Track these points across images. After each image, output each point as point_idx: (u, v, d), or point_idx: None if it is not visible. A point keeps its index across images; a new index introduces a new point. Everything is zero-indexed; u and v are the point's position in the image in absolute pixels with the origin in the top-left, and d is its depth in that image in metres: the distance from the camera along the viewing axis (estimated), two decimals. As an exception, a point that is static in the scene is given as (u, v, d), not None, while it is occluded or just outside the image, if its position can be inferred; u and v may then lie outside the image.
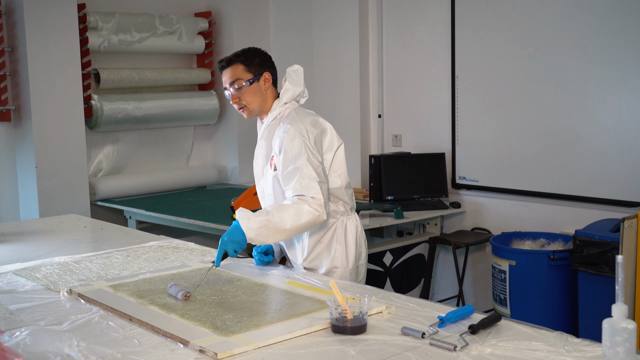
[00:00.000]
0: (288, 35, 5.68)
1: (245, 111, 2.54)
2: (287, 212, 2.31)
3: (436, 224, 4.76)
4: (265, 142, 2.57)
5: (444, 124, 4.81)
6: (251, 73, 2.50)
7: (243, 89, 2.49)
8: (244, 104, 2.51)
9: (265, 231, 2.29)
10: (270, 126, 2.56)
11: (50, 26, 4.58)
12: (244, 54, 2.53)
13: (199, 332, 1.79)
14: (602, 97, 3.98)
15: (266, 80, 2.53)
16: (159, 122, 5.32)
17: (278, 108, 2.55)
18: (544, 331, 1.77)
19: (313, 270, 2.57)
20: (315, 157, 2.43)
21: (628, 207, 3.88)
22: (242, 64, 2.50)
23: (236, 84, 2.49)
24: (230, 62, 2.50)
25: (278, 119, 2.55)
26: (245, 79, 2.49)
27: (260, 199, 2.69)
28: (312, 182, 2.36)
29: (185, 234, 4.83)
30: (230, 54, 2.55)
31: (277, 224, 2.30)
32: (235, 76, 2.49)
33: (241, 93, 2.50)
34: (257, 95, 2.52)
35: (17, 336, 1.71)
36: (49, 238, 3.21)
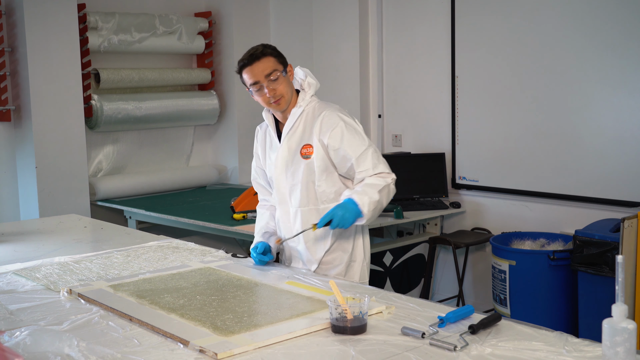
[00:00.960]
0: (288, 35, 5.67)
1: (282, 102, 2.53)
2: (384, 191, 2.44)
3: (436, 224, 4.76)
4: (293, 134, 2.56)
5: (444, 124, 4.81)
6: (281, 64, 2.51)
7: (280, 79, 2.49)
8: (280, 94, 2.51)
9: (376, 211, 2.43)
10: (301, 118, 2.57)
11: (50, 26, 4.58)
12: (269, 46, 2.54)
13: (199, 332, 1.79)
14: (602, 97, 3.97)
15: (290, 72, 2.56)
16: (159, 122, 5.32)
17: (306, 100, 2.58)
18: (544, 331, 1.77)
19: (329, 265, 2.58)
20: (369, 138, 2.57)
21: (628, 207, 3.88)
22: (272, 55, 2.50)
23: (272, 76, 2.48)
24: (265, 54, 2.49)
25: (308, 111, 2.57)
26: (280, 70, 2.50)
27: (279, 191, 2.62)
28: (381, 162, 2.50)
29: (185, 234, 4.83)
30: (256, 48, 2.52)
31: (380, 203, 2.43)
32: (272, 67, 2.48)
33: (278, 84, 2.49)
34: (289, 86, 2.54)
35: (17, 336, 1.71)
36: (49, 238, 3.20)
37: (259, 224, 2.74)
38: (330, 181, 2.54)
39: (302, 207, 2.56)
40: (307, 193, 2.55)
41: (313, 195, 2.55)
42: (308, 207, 2.55)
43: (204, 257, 2.69)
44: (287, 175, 2.58)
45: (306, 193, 2.55)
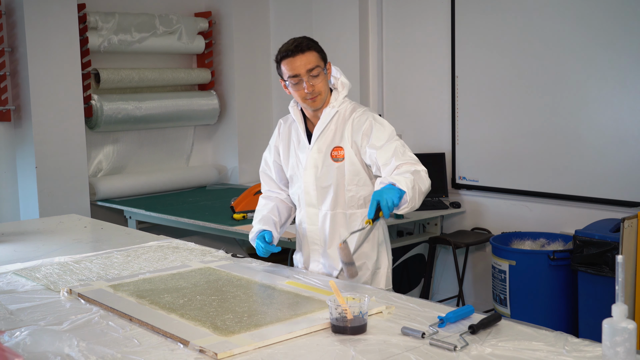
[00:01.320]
0: (288, 35, 5.61)
1: (318, 99, 2.44)
2: (417, 175, 2.25)
3: (436, 224, 4.75)
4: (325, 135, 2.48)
5: (444, 124, 4.81)
6: (323, 60, 2.44)
7: (320, 76, 2.42)
8: (318, 91, 2.42)
9: (415, 193, 2.21)
10: (334, 120, 2.48)
11: (50, 26, 4.58)
12: (313, 41, 2.45)
13: (199, 332, 1.79)
14: (602, 97, 3.97)
15: (329, 70, 2.49)
16: (159, 122, 5.32)
17: (339, 101, 2.49)
18: (544, 331, 1.77)
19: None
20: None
21: (628, 207, 3.88)
22: (315, 50, 2.42)
23: (314, 71, 2.40)
24: (310, 47, 2.41)
25: (341, 113, 2.49)
26: (322, 67, 2.43)
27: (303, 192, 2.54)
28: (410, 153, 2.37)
29: (185, 234, 4.83)
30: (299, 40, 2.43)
31: (420, 185, 2.24)
32: (314, 62, 2.40)
33: (318, 80, 2.41)
34: (327, 84, 2.47)
35: (17, 336, 1.71)
36: (49, 238, 3.20)
37: (262, 212, 2.64)
38: (360, 185, 2.46)
39: (331, 211, 2.48)
40: (337, 197, 2.47)
41: (342, 199, 2.47)
42: (335, 211, 2.48)
43: (204, 257, 2.69)
44: (317, 177, 2.50)
45: (335, 197, 2.47)
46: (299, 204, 2.60)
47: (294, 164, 2.58)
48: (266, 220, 2.60)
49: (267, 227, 2.56)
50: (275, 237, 2.56)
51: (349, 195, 2.46)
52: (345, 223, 2.47)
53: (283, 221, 2.68)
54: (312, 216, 2.54)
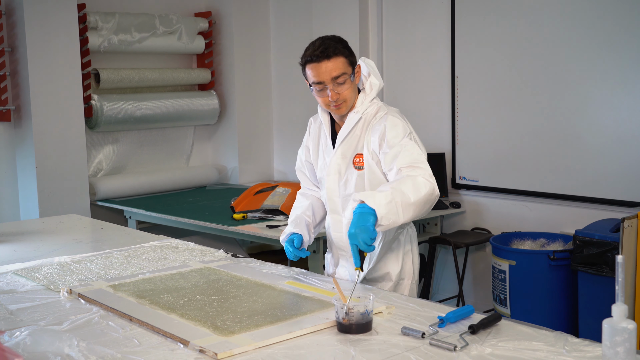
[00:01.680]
0: (288, 35, 5.68)
1: (343, 107, 2.31)
2: (406, 184, 2.09)
3: (436, 224, 4.75)
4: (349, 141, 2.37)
5: (444, 124, 4.81)
6: (350, 66, 2.29)
7: (346, 83, 2.27)
8: (343, 99, 2.29)
9: (393, 207, 2.03)
10: (358, 125, 2.36)
11: (50, 26, 4.58)
12: (342, 42, 2.28)
13: (199, 332, 1.79)
14: (602, 97, 3.97)
15: (357, 73, 2.34)
16: (159, 122, 5.32)
17: (365, 104, 2.36)
18: (544, 331, 1.77)
19: (378, 282, 2.43)
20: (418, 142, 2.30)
21: (628, 207, 3.88)
22: (343, 56, 2.26)
23: (340, 79, 2.25)
24: (336, 52, 2.24)
25: (366, 117, 2.36)
26: (349, 73, 2.28)
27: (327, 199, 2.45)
28: (418, 156, 2.21)
29: (185, 234, 4.83)
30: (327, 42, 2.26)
31: (402, 198, 2.05)
32: (341, 70, 2.25)
33: (344, 88, 2.27)
34: (354, 90, 2.33)
35: (17, 336, 1.71)
36: (49, 238, 3.20)
37: (296, 211, 2.54)
38: None
39: None
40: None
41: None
42: None
43: (204, 257, 2.68)
44: (340, 184, 2.40)
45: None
46: (327, 208, 2.51)
47: (322, 166, 2.48)
48: (299, 221, 2.48)
49: (298, 230, 2.44)
50: (306, 240, 2.43)
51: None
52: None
53: (318, 220, 2.56)
54: (336, 223, 2.46)
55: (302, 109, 5.59)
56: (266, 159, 5.89)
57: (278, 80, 5.85)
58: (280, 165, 5.94)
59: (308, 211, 2.53)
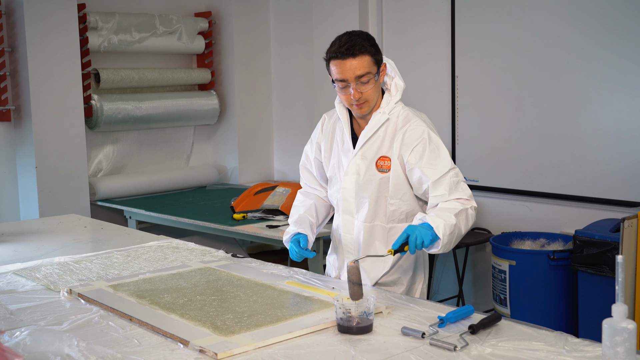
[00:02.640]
0: (288, 35, 5.68)
1: (365, 107, 2.27)
2: (461, 216, 2.13)
3: (436, 224, 4.75)
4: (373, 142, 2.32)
5: (444, 124, 4.81)
6: (376, 65, 2.22)
7: (370, 83, 2.22)
8: (366, 99, 2.24)
9: (452, 238, 2.10)
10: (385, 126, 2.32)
11: (50, 26, 4.58)
12: (369, 41, 2.21)
13: (199, 332, 1.79)
14: (602, 97, 3.97)
15: (383, 72, 2.28)
16: (159, 122, 5.32)
17: (390, 105, 2.32)
18: (544, 331, 1.77)
19: (389, 286, 2.38)
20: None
21: (628, 207, 3.88)
22: (370, 55, 2.19)
23: (364, 78, 2.20)
24: (362, 51, 2.17)
25: (395, 118, 2.32)
26: (374, 72, 2.22)
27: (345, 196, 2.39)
28: (462, 183, 2.22)
29: (185, 234, 4.83)
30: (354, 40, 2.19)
31: (459, 230, 2.12)
32: (366, 69, 2.19)
33: (367, 87, 2.22)
34: (378, 90, 2.28)
35: (17, 336, 1.71)
36: (49, 238, 3.20)
37: (298, 210, 2.48)
38: (404, 200, 2.30)
39: (367, 223, 2.34)
40: (376, 209, 2.32)
41: (382, 212, 2.32)
42: (373, 224, 2.34)
43: (204, 257, 2.69)
44: (358, 185, 2.34)
45: (375, 209, 2.32)
46: (337, 208, 2.46)
47: (334, 165, 2.42)
48: (302, 221, 2.44)
49: (303, 230, 2.40)
50: (310, 240, 2.40)
51: (391, 209, 2.31)
52: (383, 236, 2.34)
53: (320, 221, 2.53)
54: (348, 224, 2.40)
55: (302, 109, 5.59)
56: (266, 159, 5.89)
57: (278, 80, 5.85)
58: (280, 165, 5.94)
59: (311, 211, 2.48)
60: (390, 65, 2.35)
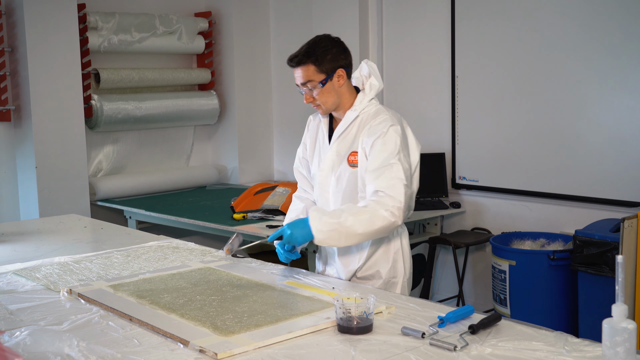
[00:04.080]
0: (288, 35, 5.68)
1: (320, 109, 2.44)
2: (362, 216, 2.21)
3: (436, 224, 4.76)
4: (344, 138, 2.43)
5: (444, 124, 4.81)
6: (323, 73, 2.37)
7: (316, 89, 2.38)
8: (318, 103, 2.42)
9: (335, 234, 2.22)
10: (355, 123, 2.43)
11: (50, 26, 4.58)
12: (313, 51, 2.36)
13: (199, 332, 1.79)
14: (602, 97, 3.97)
15: (340, 77, 2.40)
16: (159, 122, 5.32)
17: (363, 103, 2.43)
18: (544, 331, 1.77)
19: (368, 280, 2.46)
20: (407, 160, 2.35)
21: (628, 207, 3.88)
22: (313, 64, 2.36)
23: (309, 85, 2.38)
24: (301, 63, 2.36)
25: (363, 116, 2.43)
26: (317, 80, 2.37)
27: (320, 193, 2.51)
28: (398, 182, 2.26)
29: (185, 234, 4.83)
30: (300, 50, 2.38)
31: (349, 228, 2.21)
32: (307, 77, 2.37)
33: (315, 93, 2.39)
34: (331, 94, 2.40)
35: (17, 336, 1.71)
36: (49, 238, 3.20)
37: (290, 214, 2.60)
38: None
39: None
40: (350, 202, 2.39)
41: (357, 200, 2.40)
42: None
43: (204, 257, 2.68)
44: (332, 180, 2.45)
45: (349, 202, 2.39)
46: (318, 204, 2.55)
47: (316, 162, 2.54)
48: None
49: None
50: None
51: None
52: None
53: None
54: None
55: (302, 108, 5.58)
56: (266, 159, 5.89)
57: (278, 80, 5.85)
58: (280, 165, 5.94)
59: (302, 214, 2.56)
60: (370, 67, 2.51)
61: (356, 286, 2.29)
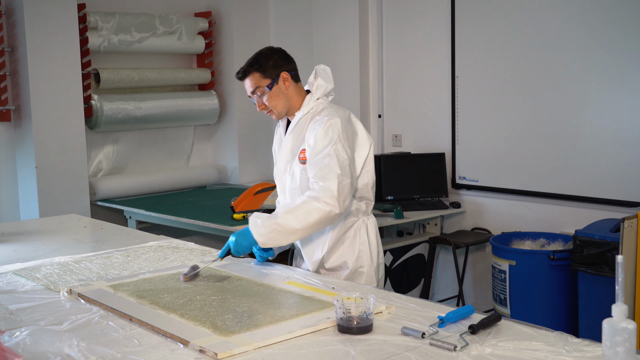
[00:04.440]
0: (288, 35, 5.68)
1: (273, 114, 2.57)
2: (296, 212, 2.33)
3: (436, 224, 4.76)
4: (294, 137, 2.56)
5: (444, 124, 4.81)
6: (268, 78, 2.52)
7: (265, 95, 2.52)
8: (269, 108, 2.55)
9: (276, 235, 2.34)
10: (302, 121, 2.56)
11: (50, 26, 4.58)
12: (256, 60, 2.53)
13: (199, 332, 1.79)
14: (602, 97, 3.98)
15: (285, 80, 2.54)
16: (159, 122, 5.32)
17: (311, 103, 2.57)
18: (544, 331, 1.77)
19: (336, 271, 2.55)
20: (345, 151, 2.43)
21: (628, 207, 3.88)
22: (257, 71, 2.52)
23: (258, 92, 2.52)
24: (246, 73, 2.53)
25: (311, 113, 2.56)
26: (264, 85, 2.52)
27: (281, 194, 2.67)
28: (329, 173, 2.37)
29: (185, 234, 4.83)
30: (245, 64, 2.55)
31: (287, 227, 2.33)
32: (254, 85, 2.52)
33: (264, 99, 2.53)
34: (280, 97, 2.54)
35: (17, 336, 1.71)
36: (49, 238, 3.20)
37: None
38: None
39: None
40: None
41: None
42: None
43: (204, 257, 2.68)
44: (287, 178, 2.59)
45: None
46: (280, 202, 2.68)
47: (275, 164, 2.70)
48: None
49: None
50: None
51: None
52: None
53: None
54: None
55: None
56: (266, 159, 5.89)
57: (278, 80, 5.84)
58: (280, 165, 5.93)
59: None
60: (320, 70, 2.62)
61: (356, 286, 2.29)
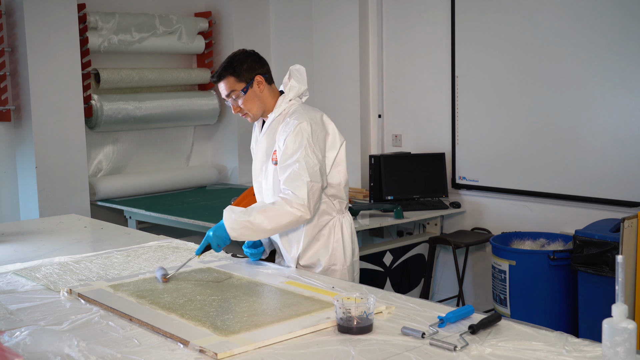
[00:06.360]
0: (288, 35, 5.68)
1: (248, 117, 2.59)
2: (268, 213, 2.38)
3: (436, 224, 4.76)
4: (268, 138, 2.58)
5: (444, 124, 4.81)
6: (243, 82, 2.54)
7: (239, 98, 2.55)
8: (245, 111, 2.57)
9: (247, 231, 2.39)
10: (275, 122, 2.58)
11: (50, 26, 4.58)
12: (230, 64, 2.55)
13: (199, 332, 1.79)
14: (602, 97, 3.97)
15: (259, 83, 2.56)
16: (159, 122, 5.32)
17: (283, 104, 2.58)
18: (544, 331, 1.77)
19: (310, 269, 2.58)
20: (315, 155, 2.46)
21: (628, 207, 3.88)
22: (231, 75, 2.54)
23: (233, 95, 2.55)
24: (221, 77, 2.55)
25: (283, 115, 2.57)
26: (239, 89, 2.54)
27: (257, 194, 2.69)
28: (299, 180, 2.40)
29: (185, 234, 4.83)
30: (219, 67, 2.57)
31: (258, 225, 2.37)
32: (229, 88, 2.54)
33: (239, 102, 2.55)
34: (254, 100, 2.56)
35: (17, 336, 1.71)
36: (49, 238, 3.20)
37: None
38: None
39: None
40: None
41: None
42: None
43: (204, 257, 2.69)
44: (261, 179, 2.63)
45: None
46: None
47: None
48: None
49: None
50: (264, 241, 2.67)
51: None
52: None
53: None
54: None
55: (302, 109, 5.58)
56: (266, 159, 5.89)
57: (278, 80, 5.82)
58: (280, 165, 5.93)
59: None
60: (294, 72, 2.64)
61: (354, 286, 2.29)
